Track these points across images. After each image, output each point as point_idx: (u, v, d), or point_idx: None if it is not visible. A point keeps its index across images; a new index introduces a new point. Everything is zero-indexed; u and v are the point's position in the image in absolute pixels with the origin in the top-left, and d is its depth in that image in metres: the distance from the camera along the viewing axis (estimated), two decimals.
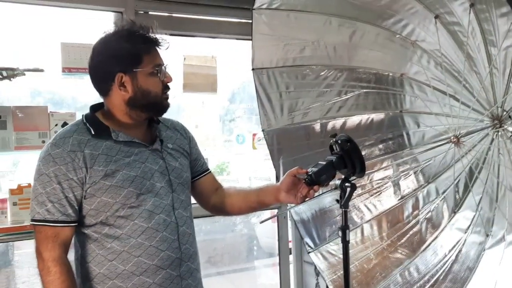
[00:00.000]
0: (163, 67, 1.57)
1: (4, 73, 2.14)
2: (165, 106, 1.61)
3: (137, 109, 1.56)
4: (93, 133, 1.52)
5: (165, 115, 1.69)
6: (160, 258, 1.53)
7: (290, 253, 3.26)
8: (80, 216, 1.52)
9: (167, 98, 1.62)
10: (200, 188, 1.83)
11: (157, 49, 1.58)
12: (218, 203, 1.84)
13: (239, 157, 4.15)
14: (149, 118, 1.64)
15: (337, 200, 1.65)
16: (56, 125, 2.29)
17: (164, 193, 1.58)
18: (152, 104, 1.57)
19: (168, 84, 1.60)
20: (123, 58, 1.52)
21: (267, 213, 3.20)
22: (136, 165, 1.54)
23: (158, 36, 1.57)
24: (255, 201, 1.80)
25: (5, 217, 2.24)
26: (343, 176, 1.64)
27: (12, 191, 2.24)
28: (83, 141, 1.50)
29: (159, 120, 1.69)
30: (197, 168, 1.81)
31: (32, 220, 1.49)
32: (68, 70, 2.31)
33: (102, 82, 1.56)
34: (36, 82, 2.37)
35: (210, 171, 1.86)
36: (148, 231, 1.52)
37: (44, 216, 1.47)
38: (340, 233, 1.63)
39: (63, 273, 1.47)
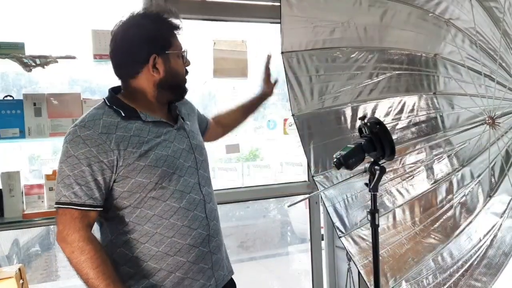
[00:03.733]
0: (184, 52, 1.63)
1: (38, 61, 2.18)
2: (186, 89, 1.67)
3: (166, 90, 1.59)
4: (123, 115, 1.52)
5: (197, 99, 1.74)
6: (192, 237, 1.55)
7: (322, 239, 3.25)
8: (110, 200, 1.50)
9: (186, 82, 1.67)
10: (209, 134, 2.02)
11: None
12: (221, 131, 2.12)
13: (270, 142, 4.13)
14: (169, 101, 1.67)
15: (366, 184, 1.64)
16: None
17: (192, 172, 1.60)
18: (178, 86, 1.63)
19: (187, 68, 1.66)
20: (157, 40, 1.55)
21: (298, 198, 3.18)
22: (166, 144, 1.55)
23: (179, 21, 1.61)
24: (246, 106, 2.14)
25: (42, 201, 2.30)
26: (372, 159, 1.62)
27: (47, 177, 2.28)
28: (114, 123, 1.49)
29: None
30: (203, 125, 1.96)
31: (57, 203, 1.44)
32: (99, 56, 2.34)
33: (132, 64, 1.56)
34: (69, 69, 2.41)
35: (209, 119, 2.05)
36: (180, 211, 1.53)
37: (71, 199, 1.43)
38: (369, 217, 1.62)
39: (97, 249, 1.44)
